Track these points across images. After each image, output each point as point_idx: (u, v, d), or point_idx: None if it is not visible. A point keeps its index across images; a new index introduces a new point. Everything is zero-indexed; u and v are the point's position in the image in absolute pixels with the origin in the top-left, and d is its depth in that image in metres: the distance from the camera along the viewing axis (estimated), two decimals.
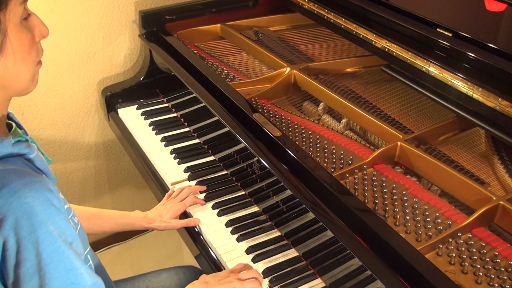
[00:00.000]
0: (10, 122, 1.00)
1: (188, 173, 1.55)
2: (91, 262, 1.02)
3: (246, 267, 1.25)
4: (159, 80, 1.92)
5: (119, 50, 2.00)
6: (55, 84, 1.93)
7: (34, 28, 0.92)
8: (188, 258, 2.28)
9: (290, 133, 1.46)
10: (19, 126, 1.01)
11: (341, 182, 1.24)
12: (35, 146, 0.95)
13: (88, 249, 1.02)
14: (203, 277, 1.22)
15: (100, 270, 1.15)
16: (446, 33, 1.36)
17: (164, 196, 1.50)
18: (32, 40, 0.91)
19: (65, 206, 0.93)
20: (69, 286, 0.86)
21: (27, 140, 0.95)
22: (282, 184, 1.28)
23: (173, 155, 1.64)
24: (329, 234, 1.19)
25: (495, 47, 1.26)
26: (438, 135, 1.41)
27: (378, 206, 1.23)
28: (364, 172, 1.30)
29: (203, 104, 1.58)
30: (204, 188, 1.49)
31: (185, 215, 1.45)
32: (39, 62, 0.96)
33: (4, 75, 0.89)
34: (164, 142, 1.69)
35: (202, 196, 1.48)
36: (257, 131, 1.36)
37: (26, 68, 0.91)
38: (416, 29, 1.41)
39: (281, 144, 1.29)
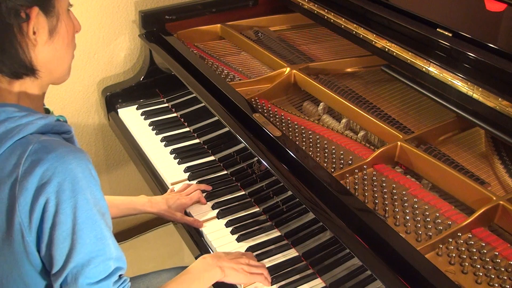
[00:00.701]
0: (47, 108, 1.07)
1: (188, 173, 1.55)
2: None
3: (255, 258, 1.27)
4: (159, 80, 1.92)
5: (119, 50, 2.00)
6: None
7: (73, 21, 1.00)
8: (188, 258, 2.28)
9: (290, 133, 1.46)
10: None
11: (341, 182, 1.24)
12: (72, 128, 1.01)
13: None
14: (216, 252, 1.23)
15: None
16: (446, 33, 1.36)
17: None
18: (73, 30, 0.99)
19: None
20: (95, 253, 0.91)
21: (66, 121, 1.01)
22: (282, 184, 1.28)
23: (173, 155, 1.64)
24: (329, 234, 1.19)
25: (495, 47, 1.26)
26: (438, 135, 1.41)
27: (378, 206, 1.23)
28: (364, 172, 1.30)
29: (203, 104, 1.58)
30: (210, 188, 1.48)
31: (184, 214, 1.45)
32: (73, 55, 1.03)
33: (53, 58, 0.96)
34: (164, 142, 1.69)
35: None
36: (257, 131, 1.36)
37: (69, 54, 1.00)
38: (416, 29, 1.41)
39: (281, 144, 1.29)
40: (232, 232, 1.36)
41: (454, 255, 1.10)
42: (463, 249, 1.11)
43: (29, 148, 0.88)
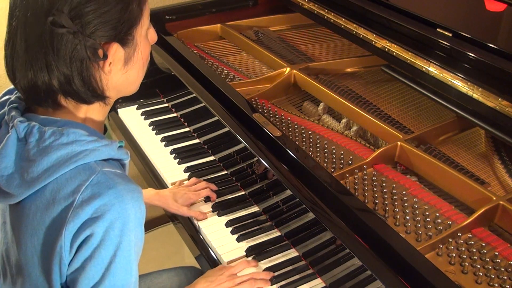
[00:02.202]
0: (105, 124, 1.06)
1: (188, 173, 1.55)
2: None
3: (244, 264, 1.26)
4: (159, 80, 1.92)
5: None
6: None
7: (151, 37, 1.01)
8: (189, 258, 2.28)
9: (290, 133, 1.46)
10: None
11: (341, 182, 1.24)
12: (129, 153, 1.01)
13: None
14: (198, 282, 1.22)
15: None
16: (446, 33, 1.36)
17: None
18: (149, 50, 1.00)
19: None
20: (120, 286, 0.90)
21: (123, 146, 1.00)
22: (282, 184, 1.28)
23: (173, 155, 1.64)
24: (329, 234, 1.19)
25: (495, 47, 1.26)
26: (438, 135, 1.41)
27: (378, 206, 1.23)
28: (364, 172, 1.30)
29: (203, 104, 1.58)
30: (215, 188, 1.48)
31: None
32: None
33: (125, 82, 0.96)
34: (164, 142, 1.69)
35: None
36: (257, 131, 1.36)
37: (141, 75, 1.01)
38: (416, 29, 1.41)
39: (281, 144, 1.29)
40: (232, 232, 1.36)
41: (454, 255, 1.10)
42: (463, 249, 1.11)
43: (91, 178, 0.87)
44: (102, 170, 0.89)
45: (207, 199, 1.46)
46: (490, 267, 1.07)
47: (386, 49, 1.48)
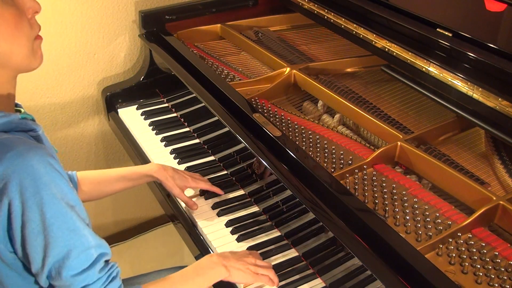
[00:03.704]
0: (19, 109, 1.03)
1: None
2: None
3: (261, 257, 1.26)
4: (159, 80, 1.92)
5: (119, 50, 2.00)
6: (55, 84, 1.93)
7: (23, 6, 0.93)
8: (188, 258, 2.28)
9: (290, 133, 1.46)
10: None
11: (341, 182, 1.24)
12: (41, 126, 0.99)
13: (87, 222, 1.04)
14: (223, 252, 1.23)
15: None
16: (446, 33, 1.36)
17: (165, 196, 1.50)
18: (18, 15, 0.92)
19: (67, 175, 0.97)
20: (72, 245, 0.90)
21: (33, 119, 0.98)
22: (282, 184, 1.28)
23: (173, 155, 1.64)
24: (329, 234, 1.19)
25: (495, 47, 1.26)
26: (438, 135, 1.41)
27: (378, 206, 1.23)
28: (364, 172, 1.30)
29: (203, 104, 1.58)
30: (222, 192, 1.47)
31: (184, 214, 1.45)
32: (38, 37, 0.97)
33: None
34: (164, 142, 1.69)
35: (202, 195, 1.48)
36: (257, 131, 1.36)
37: (19, 44, 0.92)
38: (416, 29, 1.41)
39: (281, 144, 1.29)
40: (232, 232, 1.36)
41: (454, 255, 1.10)
42: (463, 249, 1.11)
43: None
44: None
45: (207, 197, 1.46)
46: (490, 267, 1.07)
47: (386, 49, 1.48)
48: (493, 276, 1.06)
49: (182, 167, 1.58)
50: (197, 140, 1.70)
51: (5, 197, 0.86)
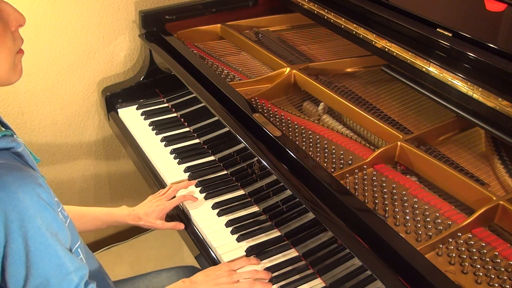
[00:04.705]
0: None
1: (188, 173, 1.55)
2: (82, 256, 1.03)
3: (245, 261, 1.25)
4: (159, 80, 1.92)
5: (119, 50, 2.00)
6: (55, 84, 1.93)
7: (7, 18, 0.91)
8: (188, 258, 2.28)
9: (290, 133, 1.46)
10: (4, 125, 1.01)
11: (341, 182, 1.24)
12: (21, 141, 0.96)
13: (79, 242, 1.03)
14: (196, 275, 1.22)
15: (98, 272, 1.16)
16: (446, 33, 1.36)
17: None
18: (2, 28, 0.89)
19: (55, 199, 0.95)
20: (52, 273, 0.89)
21: (12, 135, 0.95)
22: (282, 184, 1.28)
23: (173, 155, 1.64)
24: (329, 234, 1.19)
25: (495, 47, 1.26)
26: (438, 135, 1.41)
27: (378, 206, 1.23)
28: (364, 172, 1.30)
29: (203, 104, 1.58)
30: (194, 182, 1.47)
31: (183, 213, 1.45)
32: (20, 51, 0.94)
33: None
34: (164, 142, 1.69)
35: (202, 195, 1.48)
36: (257, 131, 1.36)
37: (1, 58, 0.90)
38: (416, 29, 1.41)
39: (281, 144, 1.29)
40: (232, 232, 1.36)
41: (454, 255, 1.10)
42: (463, 249, 1.11)
43: None
44: None
45: (207, 197, 1.46)
46: (490, 267, 1.07)
47: (386, 49, 1.48)
48: (493, 276, 1.06)
49: (182, 167, 1.57)
50: (197, 140, 1.70)
51: None
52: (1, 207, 0.83)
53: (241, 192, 1.48)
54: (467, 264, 1.09)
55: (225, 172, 1.56)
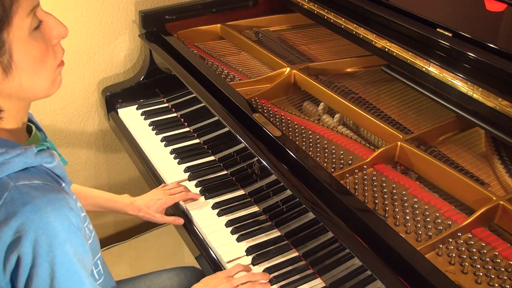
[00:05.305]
0: (30, 124, 0.98)
1: (188, 173, 1.55)
2: (100, 267, 1.03)
3: (240, 267, 1.25)
4: (159, 80, 1.93)
5: (119, 50, 2.00)
6: None
7: (50, 32, 0.89)
8: (189, 258, 2.28)
9: (290, 133, 1.46)
10: (37, 127, 1.00)
11: (341, 182, 1.24)
12: (56, 153, 0.94)
13: (99, 255, 1.03)
14: (194, 287, 1.20)
15: (106, 273, 1.16)
16: (446, 33, 1.36)
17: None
18: (45, 50, 0.87)
19: (82, 214, 0.94)
20: None
21: (47, 148, 0.93)
22: (282, 184, 1.28)
23: (173, 155, 1.64)
24: (329, 234, 1.19)
25: (495, 47, 1.26)
26: (438, 135, 1.41)
27: (378, 206, 1.23)
28: (364, 172, 1.30)
29: (203, 104, 1.58)
30: (199, 197, 1.47)
31: (184, 214, 1.45)
32: (60, 64, 0.92)
33: (17, 90, 0.86)
34: (164, 142, 1.69)
35: (202, 195, 1.48)
36: (257, 131, 1.36)
37: (41, 78, 0.88)
38: (416, 29, 1.41)
39: (281, 144, 1.29)
40: (232, 232, 1.36)
41: (454, 255, 1.10)
42: (463, 249, 1.11)
43: (4, 196, 0.82)
44: (15, 185, 0.83)
45: (207, 197, 1.46)
46: (490, 267, 1.07)
47: (386, 49, 1.48)
48: (493, 276, 1.06)
49: (182, 167, 1.58)
50: (197, 140, 1.70)
51: (16, 250, 0.82)
52: (32, 230, 0.82)
53: (241, 192, 1.49)
54: (467, 264, 1.09)
55: (225, 172, 1.56)
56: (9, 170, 0.84)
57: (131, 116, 1.84)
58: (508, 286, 1.04)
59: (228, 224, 1.38)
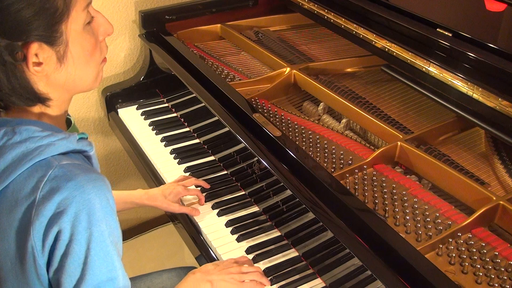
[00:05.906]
0: (69, 117, 1.05)
1: (188, 173, 1.55)
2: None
3: (249, 261, 1.26)
4: (159, 80, 1.92)
5: (119, 50, 2.00)
6: None
7: (98, 28, 0.96)
8: (189, 259, 2.28)
9: (290, 133, 1.46)
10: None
11: (341, 182, 1.24)
12: (93, 145, 1.00)
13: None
14: (205, 265, 1.22)
15: None
16: (446, 33, 1.36)
17: None
18: (95, 43, 0.94)
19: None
20: (104, 283, 0.89)
21: (87, 138, 0.99)
22: (282, 184, 1.28)
23: (173, 155, 1.64)
24: (329, 234, 1.19)
25: (495, 47, 1.26)
26: (438, 135, 1.41)
27: (378, 206, 1.23)
28: (364, 172, 1.30)
29: (203, 104, 1.58)
30: (208, 186, 1.48)
31: (184, 214, 1.45)
32: (104, 60, 0.99)
33: (67, 80, 0.92)
34: (164, 142, 1.69)
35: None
36: (257, 131, 1.36)
37: (89, 71, 0.95)
38: (416, 29, 1.41)
39: (281, 144, 1.29)
40: (232, 232, 1.36)
41: (454, 255, 1.10)
42: (463, 249, 1.11)
43: (49, 173, 0.86)
44: (59, 164, 0.87)
45: (207, 197, 1.46)
46: (490, 267, 1.07)
47: (386, 49, 1.48)
48: (493, 276, 1.06)
49: (182, 167, 1.58)
50: (197, 140, 1.70)
51: (56, 225, 0.84)
52: (74, 205, 0.84)
53: (241, 192, 1.49)
54: (467, 264, 1.09)
55: (225, 172, 1.56)
56: (54, 151, 0.88)
57: (131, 116, 1.84)
58: (508, 286, 1.04)
59: (228, 224, 1.38)
